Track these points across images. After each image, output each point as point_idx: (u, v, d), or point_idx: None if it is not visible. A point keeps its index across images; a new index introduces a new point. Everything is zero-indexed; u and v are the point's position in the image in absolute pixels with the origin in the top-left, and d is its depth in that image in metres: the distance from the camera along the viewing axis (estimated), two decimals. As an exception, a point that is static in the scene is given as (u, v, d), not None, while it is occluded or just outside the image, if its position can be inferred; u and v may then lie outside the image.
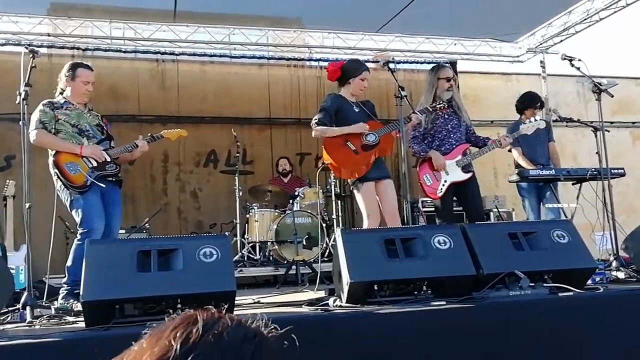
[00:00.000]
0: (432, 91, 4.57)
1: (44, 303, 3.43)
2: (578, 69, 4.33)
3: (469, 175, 4.52)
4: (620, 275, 3.75)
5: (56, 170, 3.83)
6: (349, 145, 4.17)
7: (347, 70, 4.34)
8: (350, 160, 4.16)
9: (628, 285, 3.45)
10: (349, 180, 4.38)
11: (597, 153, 4.50)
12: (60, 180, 3.82)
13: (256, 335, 0.85)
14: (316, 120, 4.24)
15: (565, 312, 2.80)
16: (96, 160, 3.91)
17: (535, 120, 4.68)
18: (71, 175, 3.82)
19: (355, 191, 4.28)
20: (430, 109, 4.42)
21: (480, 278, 2.93)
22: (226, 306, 2.54)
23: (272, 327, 0.89)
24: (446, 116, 4.58)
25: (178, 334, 0.82)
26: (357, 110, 4.32)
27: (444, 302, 2.73)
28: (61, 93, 4.06)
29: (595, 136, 4.57)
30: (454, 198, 4.63)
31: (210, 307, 0.88)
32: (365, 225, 4.21)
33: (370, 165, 4.18)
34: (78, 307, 3.21)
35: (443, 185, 4.46)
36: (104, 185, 3.88)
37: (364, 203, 4.20)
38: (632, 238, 3.63)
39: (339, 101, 4.29)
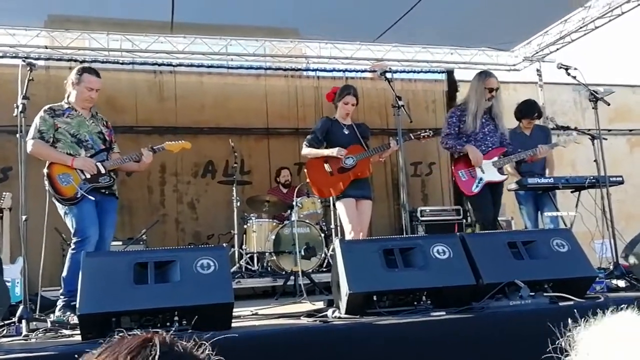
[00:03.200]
0: (483, 98, 4.55)
1: (39, 316, 3.39)
2: (574, 77, 4.34)
3: (504, 177, 4.59)
4: (621, 283, 3.73)
5: (48, 184, 3.81)
6: (325, 167, 4.53)
7: (336, 95, 4.72)
8: (326, 181, 4.52)
9: (628, 294, 3.43)
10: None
11: (595, 161, 4.49)
12: (52, 195, 3.81)
13: None
14: (305, 142, 4.67)
15: (566, 321, 2.78)
16: (89, 173, 3.89)
17: (572, 135, 4.75)
18: (62, 187, 3.79)
19: (337, 204, 4.59)
20: (413, 137, 4.61)
21: (480, 288, 2.92)
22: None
23: (219, 358, 0.89)
24: (483, 120, 4.61)
25: None
26: (347, 132, 4.66)
27: (444, 313, 2.72)
28: (69, 97, 4.04)
29: (593, 144, 4.57)
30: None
31: (160, 330, 0.87)
32: (347, 237, 4.40)
33: (348, 184, 4.47)
34: (74, 320, 3.18)
35: (478, 182, 4.48)
36: (93, 198, 3.84)
37: (346, 215, 4.47)
38: (631, 246, 3.61)
39: (328, 124, 4.66)
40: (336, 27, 7.11)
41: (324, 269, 5.96)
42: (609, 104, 4.55)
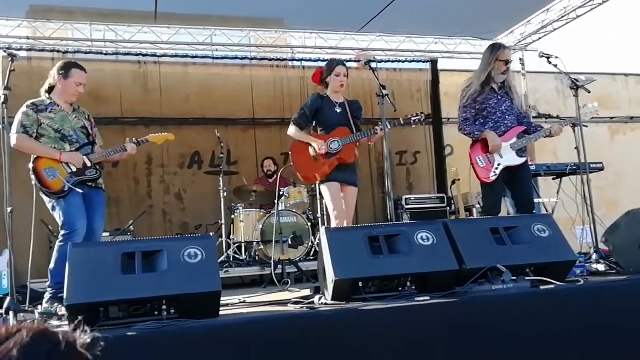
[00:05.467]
0: (488, 70, 4.34)
1: (27, 308, 3.40)
2: (555, 66, 4.39)
3: (524, 159, 4.36)
4: (601, 267, 3.81)
5: (35, 178, 3.80)
6: (310, 152, 4.38)
7: (324, 72, 4.51)
8: (309, 165, 4.37)
9: (608, 278, 3.51)
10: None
11: (576, 148, 4.57)
12: (39, 188, 3.79)
13: (59, 344, 0.84)
14: (293, 120, 4.46)
15: (547, 304, 2.85)
16: (76, 166, 3.88)
17: (593, 105, 4.56)
18: (49, 181, 3.79)
19: (322, 188, 4.43)
20: (403, 121, 4.48)
21: (463, 273, 2.97)
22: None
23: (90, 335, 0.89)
24: (499, 97, 4.39)
25: None
26: (339, 111, 4.43)
27: (428, 298, 2.76)
28: (49, 91, 4.01)
29: (574, 132, 4.64)
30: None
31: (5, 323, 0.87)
32: (333, 222, 4.31)
33: (333, 168, 4.32)
34: (62, 311, 3.19)
35: (497, 168, 4.27)
36: (81, 191, 3.84)
37: (330, 200, 4.32)
38: (611, 231, 3.69)
39: (319, 102, 4.43)
40: (321, 17, 7.11)
41: (311, 257, 6.01)
42: (589, 92, 4.60)
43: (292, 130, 4.46)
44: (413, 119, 4.49)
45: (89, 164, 3.93)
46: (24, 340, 0.82)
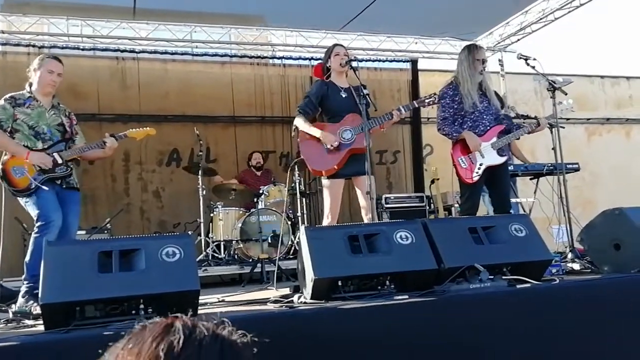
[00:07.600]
0: (476, 72, 4.33)
1: (0, 307, 3.33)
2: (533, 67, 4.44)
3: (504, 158, 4.37)
4: (576, 266, 3.87)
5: (1, 177, 3.73)
6: (322, 144, 4.13)
7: (324, 58, 4.42)
8: (321, 158, 4.12)
9: (583, 276, 3.57)
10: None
11: (553, 149, 4.63)
12: (7, 188, 3.73)
13: (231, 344, 0.88)
14: (299, 108, 4.25)
15: (523, 303, 2.88)
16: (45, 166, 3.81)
17: (568, 102, 4.59)
18: (16, 179, 3.72)
19: (324, 183, 4.26)
20: (417, 104, 4.41)
21: (441, 272, 2.98)
22: (191, 310, 2.53)
23: (242, 332, 0.91)
24: (477, 97, 4.36)
25: (161, 346, 0.82)
26: (344, 95, 4.24)
27: (407, 296, 2.77)
28: (31, 85, 3.94)
29: (551, 132, 4.70)
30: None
31: (179, 314, 0.89)
32: (325, 220, 4.23)
33: (344, 163, 4.12)
34: (37, 310, 3.14)
35: (479, 168, 4.27)
36: (46, 188, 3.76)
37: (328, 198, 4.20)
38: (587, 230, 3.75)
39: (324, 88, 4.26)
40: (302, 16, 7.10)
41: (291, 256, 6.01)
42: (566, 94, 4.67)
43: (298, 120, 4.21)
44: (427, 100, 4.32)
45: (60, 161, 3.86)
46: (204, 337, 0.85)
